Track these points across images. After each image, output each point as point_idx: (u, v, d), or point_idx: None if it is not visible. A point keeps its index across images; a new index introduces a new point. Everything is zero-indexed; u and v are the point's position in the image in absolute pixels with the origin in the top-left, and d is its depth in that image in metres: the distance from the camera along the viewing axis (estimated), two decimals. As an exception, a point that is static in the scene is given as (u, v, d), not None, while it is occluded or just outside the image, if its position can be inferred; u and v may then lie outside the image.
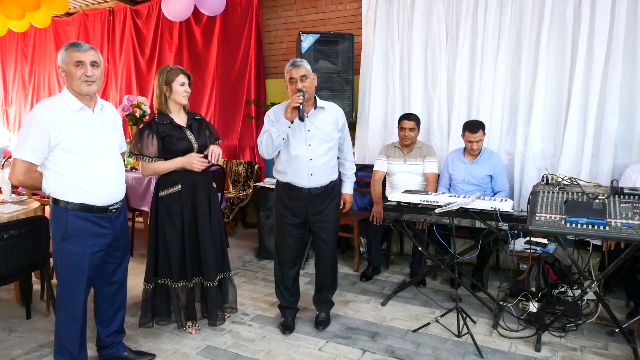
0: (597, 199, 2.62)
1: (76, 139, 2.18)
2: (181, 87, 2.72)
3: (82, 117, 2.23)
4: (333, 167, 2.90)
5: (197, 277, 2.87)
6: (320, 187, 2.83)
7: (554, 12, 3.63)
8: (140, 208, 4.25)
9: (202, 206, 2.81)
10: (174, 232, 2.77)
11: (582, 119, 3.59)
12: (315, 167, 2.78)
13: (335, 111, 2.89)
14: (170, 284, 2.83)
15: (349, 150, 3.03)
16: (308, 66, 2.75)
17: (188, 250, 2.81)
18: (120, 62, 6.08)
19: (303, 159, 2.76)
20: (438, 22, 4.07)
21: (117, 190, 2.35)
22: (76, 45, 2.20)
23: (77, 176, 2.20)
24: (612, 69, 3.46)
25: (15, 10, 4.35)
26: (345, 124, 2.96)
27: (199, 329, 2.96)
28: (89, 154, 2.22)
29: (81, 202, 2.22)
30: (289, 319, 3.02)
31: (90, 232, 2.26)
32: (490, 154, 3.65)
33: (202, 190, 2.82)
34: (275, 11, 5.13)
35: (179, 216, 2.77)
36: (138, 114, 5.12)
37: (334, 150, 2.89)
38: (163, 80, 2.72)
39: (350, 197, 3.09)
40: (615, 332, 2.85)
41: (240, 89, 5.25)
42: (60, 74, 2.25)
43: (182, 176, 2.76)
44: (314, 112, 2.81)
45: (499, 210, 2.90)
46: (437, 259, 3.37)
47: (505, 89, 3.90)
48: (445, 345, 2.78)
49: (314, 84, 2.79)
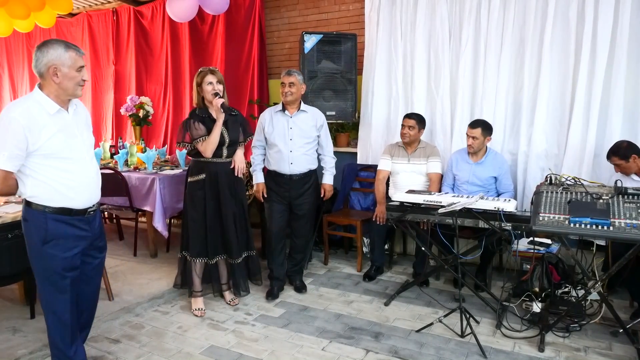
0: (601, 199, 2.61)
1: (55, 144, 2.11)
2: (209, 87, 3.04)
3: (59, 120, 2.14)
4: (311, 159, 3.51)
5: (221, 255, 3.25)
6: (300, 174, 3.45)
7: (557, 12, 3.62)
8: (143, 208, 4.26)
9: (225, 193, 3.14)
10: (195, 215, 3.15)
11: (585, 119, 3.58)
12: (294, 157, 3.41)
13: (316, 114, 3.51)
14: (189, 258, 3.20)
15: (329, 147, 3.60)
16: (299, 77, 3.41)
17: (210, 232, 3.16)
18: (125, 62, 6.10)
19: (285, 151, 3.39)
20: (441, 22, 4.07)
21: (97, 192, 2.34)
22: (77, 49, 2.15)
23: (58, 182, 2.15)
24: (615, 69, 3.45)
25: (20, 10, 4.37)
26: (325, 126, 3.56)
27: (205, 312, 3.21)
28: (68, 158, 2.17)
29: (61, 206, 2.17)
30: (275, 288, 3.55)
31: (71, 235, 2.22)
32: (495, 155, 3.64)
33: (225, 179, 3.15)
34: (278, 11, 5.14)
35: (202, 202, 3.14)
36: (141, 114, 5.14)
37: (312, 145, 3.50)
38: (195, 83, 3.10)
39: (330, 187, 3.63)
40: (619, 333, 2.83)
41: (244, 89, 5.26)
42: (48, 73, 2.08)
43: (208, 167, 3.12)
44: (297, 114, 3.44)
45: (502, 211, 2.90)
46: (440, 259, 3.37)
47: (509, 89, 3.89)
48: (448, 346, 2.78)
49: (300, 91, 3.43)
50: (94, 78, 6.37)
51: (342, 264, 4.27)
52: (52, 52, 2.07)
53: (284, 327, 3.05)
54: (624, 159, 3.06)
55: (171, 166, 4.64)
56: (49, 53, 2.07)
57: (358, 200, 4.58)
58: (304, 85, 3.48)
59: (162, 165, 4.64)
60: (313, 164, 3.53)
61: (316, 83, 4.23)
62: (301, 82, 3.42)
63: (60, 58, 2.08)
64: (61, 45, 2.10)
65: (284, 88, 3.37)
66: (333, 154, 3.62)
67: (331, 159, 3.61)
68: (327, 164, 3.60)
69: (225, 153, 3.15)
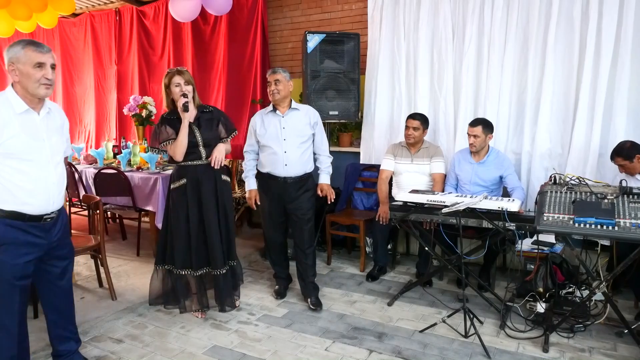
0: (605, 199, 2.60)
1: (17, 144, 2.05)
2: (177, 88, 2.92)
3: (26, 121, 2.09)
4: (307, 160, 3.32)
5: (205, 267, 3.06)
6: (295, 177, 3.26)
7: (561, 11, 3.61)
8: (146, 208, 4.26)
9: (207, 199, 2.99)
10: (178, 224, 2.99)
11: (589, 118, 3.57)
12: (289, 158, 3.23)
13: (309, 112, 3.36)
14: (174, 270, 3.04)
15: (325, 146, 3.42)
16: (285, 74, 3.27)
17: (194, 241, 3.00)
18: (128, 62, 6.10)
19: (279, 152, 3.22)
20: (444, 22, 4.06)
21: (56, 200, 2.22)
22: (36, 45, 2.07)
23: (13, 183, 2.07)
24: (620, 68, 3.43)
25: (23, 10, 4.37)
26: (319, 123, 3.38)
27: (205, 313, 3.14)
28: (29, 160, 2.09)
29: (13, 209, 2.09)
30: (282, 287, 3.52)
31: (23, 241, 2.12)
32: (497, 154, 3.62)
33: (208, 184, 2.99)
34: (281, 11, 5.13)
35: (184, 208, 2.98)
36: (144, 114, 5.14)
37: (307, 145, 3.32)
38: (163, 85, 2.99)
39: (328, 186, 3.42)
40: (624, 333, 2.82)
41: (246, 89, 5.25)
42: (9, 71, 2.09)
43: (187, 171, 2.98)
44: (288, 112, 3.29)
45: (506, 210, 2.88)
46: (444, 259, 3.36)
47: (512, 89, 3.88)
48: (452, 346, 2.77)
49: (287, 88, 3.27)
50: (96, 78, 6.38)
51: (345, 264, 4.26)
52: (11, 50, 2.08)
53: (287, 327, 3.05)
54: (627, 159, 3.04)
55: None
56: (9, 52, 2.09)
57: (361, 200, 4.57)
58: (291, 82, 3.32)
59: (165, 165, 4.64)
60: (309, 166, 3.36)
61: (319, 83, 4.22)
62: (287, 79, 3.27)
63: (17, 55, 2.06)
64: (20, 43, 2.09)
65: (270, 87, 3.23)
66: (329, 153, 3.46)
67: (327, 157, 3.43)
68: (322, 164, 3.43)
69: (204, 154, 2.98)
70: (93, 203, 3.49)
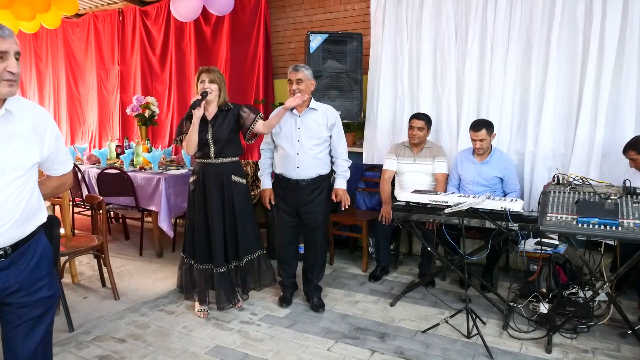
0: (609, 199, 2.59)
1: None
2: (200, 85, 2.98)
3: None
4: (322, 162, 3.18)
5: (208, 263, 3.13)
6: (308, 179, 3.14)
7: (564, 11, 3.59)
8: (148, 208, 4.27)
9: (211, 198, 3.03)
10: (190, 216, 3.14)
11: (593, 118, 3.55)
12: (301, 160, 3.11)
13: (328, 111, 3.19)
14: (185, 260, 3.18)
15: (342, 149, 3.24)
16: (307, 72, 3.10)
17: (197, 236, 3.10)
18: (130, 62, 6.11)
19: (292, 153, 3.12)
20: (447, 21, 4.05)
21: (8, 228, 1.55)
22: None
23: None
24: (626, 67, 3.41)
25: (26, 11, 4.39)
26: (337, 125, 3.21)
27: (207, 313, 3.16)
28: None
29: None
30: (287, 294, 3.39)
31: None
32: (500, 155, 3.61)
33: (214, 182, 3.03)
34: (284, 11, 5.13)
35: (193, 203, 3.10)
36: (147, 114, 5.15)
37: (323, 147, 3.17)
38: (195, 81, 3.05)
39: (343, 191, 3.24)
40: (628, 334, 2.81)
41: (249, 89, 5.26)
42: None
43: (199, 167, 3.08)
44: (305, 112, 3.14)
45: (509, 211, 2.88)
46: (447, 260, 3.35)
47: (515, 88, 3.87)
48: (454, 346, 2.77)
49: (310, 88, 3.12)
50: (99, 78, 6.40)
51: (348, 264, 4.26)
52: None
53: (290, 327, 3.04)
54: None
55: (177, 166, 4.65)
56: None
57: (364, 200, 4.57)
58: (314, 80, 3.16)
59: (168, 165, 4.66)
60: (324, 169, 3.20)
61: (322, 83, 4.22)
62: (310, 77, 3.10)
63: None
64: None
65: (291, 86, 3.07)
66: (347, 157, 3.26)
67: (344, 161, 3.23)
68: (338, 168, 3.23)
69: (212, 153, 3.01)
70: (96, 203, 3.50)
